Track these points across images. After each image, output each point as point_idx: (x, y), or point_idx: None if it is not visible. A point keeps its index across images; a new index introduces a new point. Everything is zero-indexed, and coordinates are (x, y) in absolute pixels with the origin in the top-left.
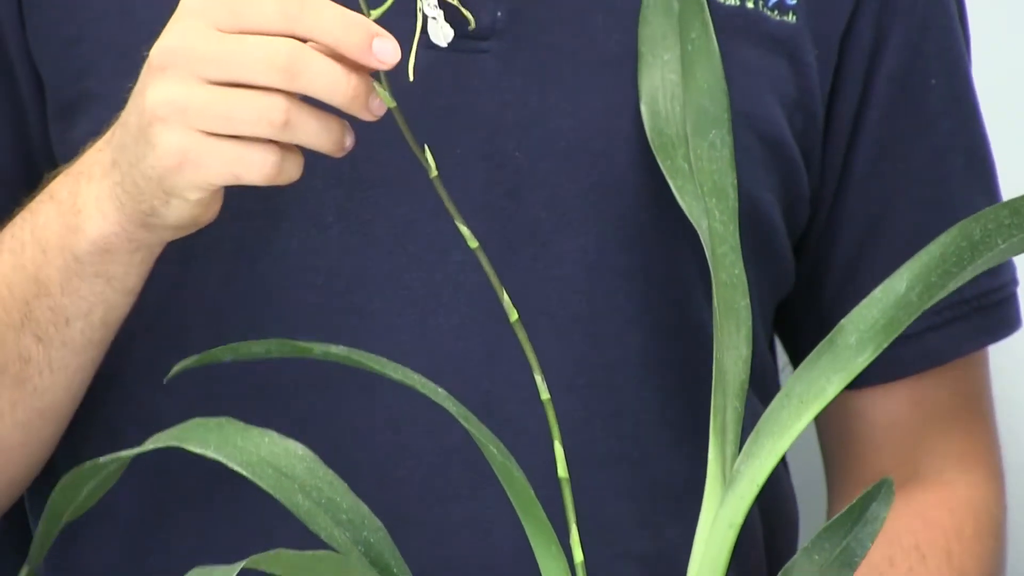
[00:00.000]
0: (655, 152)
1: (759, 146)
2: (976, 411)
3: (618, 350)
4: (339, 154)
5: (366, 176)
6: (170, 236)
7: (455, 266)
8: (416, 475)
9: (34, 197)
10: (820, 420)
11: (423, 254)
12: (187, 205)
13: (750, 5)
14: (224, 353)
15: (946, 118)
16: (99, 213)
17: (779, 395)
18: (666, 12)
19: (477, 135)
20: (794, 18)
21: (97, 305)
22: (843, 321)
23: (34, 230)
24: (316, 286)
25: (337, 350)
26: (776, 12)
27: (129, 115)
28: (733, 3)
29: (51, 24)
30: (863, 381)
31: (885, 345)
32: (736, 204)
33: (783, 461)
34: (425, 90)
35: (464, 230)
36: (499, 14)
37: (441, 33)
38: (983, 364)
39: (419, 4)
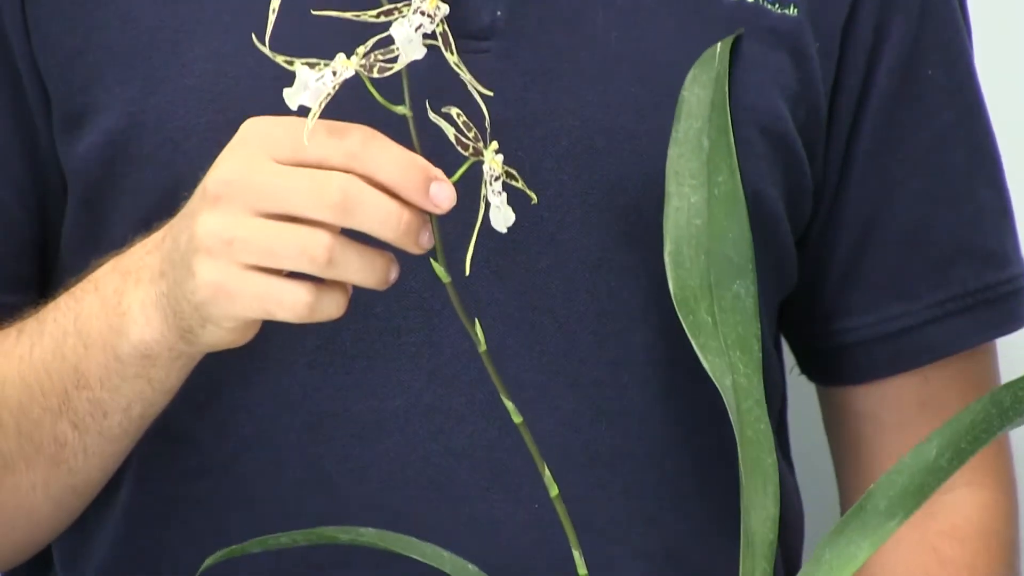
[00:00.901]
0: (676, 307)
1: (762, 140)
2: None
3: (623, 348)
4: (383, 287)
5: None
6: (209, 350)
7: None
8: (423, 476)
9: (78, 280)
10: (831, 426)
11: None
12: (222, 331)
13: (750, 0)
14: (253, 545)
15: (946, 110)
16: (143, 318)
17: (809, 561)
18: (696, 149)
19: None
20: (795, 11)
21: (136, 402)
22: (872, 487)
23: (77, 320)
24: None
25: (366, 534)
26: (777, 6)
27: (180, 232)
28: None
29: (56, 36)
30: (867, 375)
31: (915, 511)
32: (760, 355)
33: (788, 460)
34: (426, 90)
35: (477, 333)
36: (499, 13)
37: (502, 219)
38: (992, 366)
39: (483, 190)
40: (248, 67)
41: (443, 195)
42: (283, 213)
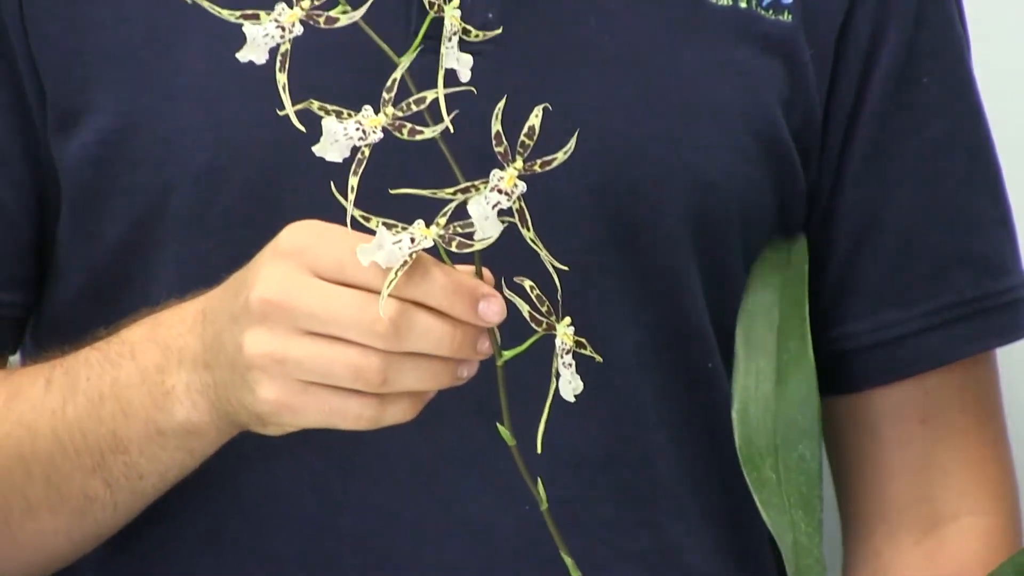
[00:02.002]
0: (742, 463)
1: (755, 145)
2: (989, 432)
3: (614, 351)
4: (457, 384)
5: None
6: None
7: None
8: (415, 477)
9: (108, 333)
10: (830, 437)
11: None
12: (280, 429)
13: (743, 5)
14: None
15: (941, 117)
16: (190, 402)
17: None
18: (767, 319)
19: (470, 136)
20: (790, 17)
21: (174, 468)
22: None
23: (114, 385)
24: None
25: None
26: (771, 12)
27: (223, 329)
28: (726, 3)
29: (53, 35)
30: (864, 382)
31: None
32: (820, 516)
33: None
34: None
35: (503, 431)
36: (491, 15)
37: (571, 389)
38: (994, 381)
39: (555, 362)
40: (240, 68)
41: (492, 311)
42: (332, 335)
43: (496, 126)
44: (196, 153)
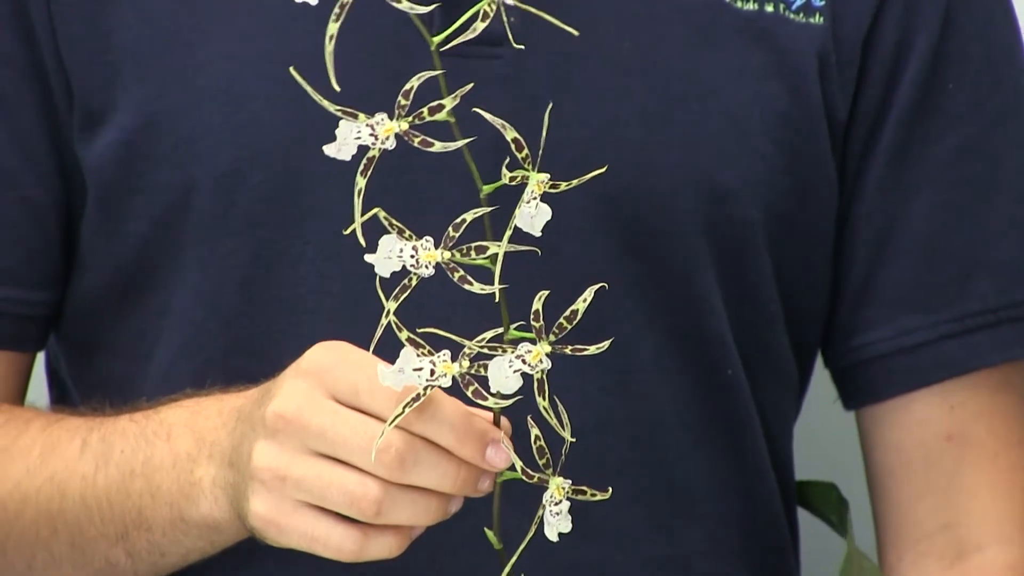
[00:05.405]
0: None
1: (778, 152)
2: (1018, 458)
3: (630, 358)
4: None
5: (384, 185)
6: None
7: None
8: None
9: (148, 404)
10: (865, 456)
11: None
12: (274, 541)
13: (770, 9)
14: None
15: (966, 123)
16: (213, 498)
17: None
18: None
19: (487, 141)
20: (822, 20)
21: (194, 552)
22: None
23: (147, 465)
24: (332, 293)
25: None
26: (802, 14)
27: (244, 436)
28: (752, 7)
29: (80, 35)
30: (884, 391)
31: None
32: None
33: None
34: (437, 96)
35: (490, 535)
36: (512, 19)
37: (556, 530)
38: (1022, 406)
39: (540, 510)
40: (262, 70)
41: (499, 459)
42: (337, 457)
43: (537, 305)
44: (217, 153)
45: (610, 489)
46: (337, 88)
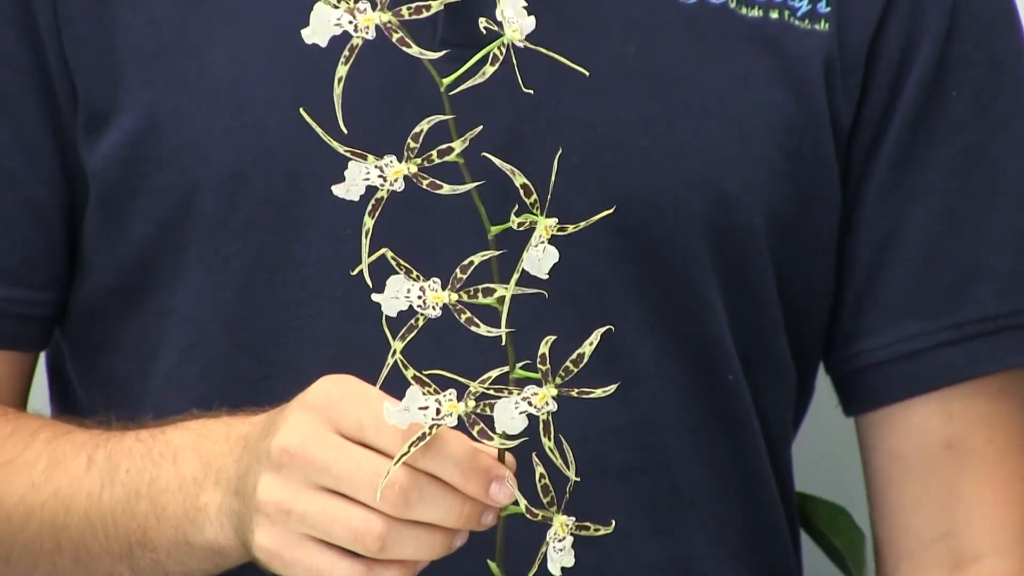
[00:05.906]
0: None
1: (781, 158)
2: (1017, 468)
3: (632, 362)
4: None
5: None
6: None
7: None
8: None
9: (153, 423)
10: (864, 464)
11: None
12: (280, 573)
13: (775, 16)
14: None
15: (969, 129)
16: (218, 523)
17: None
18: None
19: (491, 145)
20: (827, 26)
21: (199, 573)
22: None
23: (152, 486)
24: (334, 297)
25: None
26: (807, 21)
27: (250, 467)
28: (756, 14)
29: (85, 36)
30: (883, 397)
31: None
32: None
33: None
34: (441, 100)
35: (493, 567)
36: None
37: (559, 564)
38: (1022, 416)
39: (543, 547)
40: (266, 73)
41: (503, 495)
42: (339, 492)
43: (544, 348)
44: (221, 156)
45: (613, 523)
46: (345, 130)
